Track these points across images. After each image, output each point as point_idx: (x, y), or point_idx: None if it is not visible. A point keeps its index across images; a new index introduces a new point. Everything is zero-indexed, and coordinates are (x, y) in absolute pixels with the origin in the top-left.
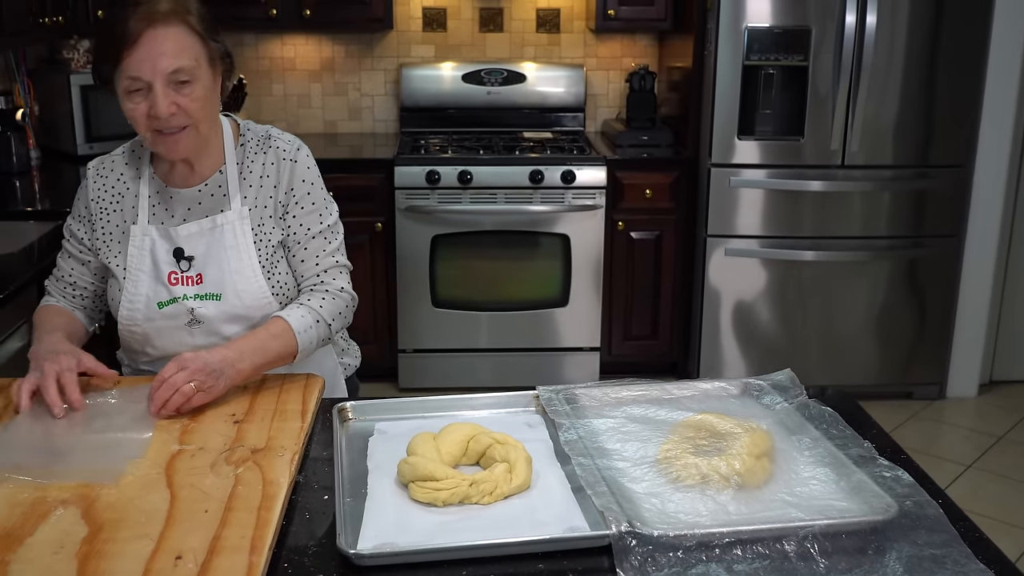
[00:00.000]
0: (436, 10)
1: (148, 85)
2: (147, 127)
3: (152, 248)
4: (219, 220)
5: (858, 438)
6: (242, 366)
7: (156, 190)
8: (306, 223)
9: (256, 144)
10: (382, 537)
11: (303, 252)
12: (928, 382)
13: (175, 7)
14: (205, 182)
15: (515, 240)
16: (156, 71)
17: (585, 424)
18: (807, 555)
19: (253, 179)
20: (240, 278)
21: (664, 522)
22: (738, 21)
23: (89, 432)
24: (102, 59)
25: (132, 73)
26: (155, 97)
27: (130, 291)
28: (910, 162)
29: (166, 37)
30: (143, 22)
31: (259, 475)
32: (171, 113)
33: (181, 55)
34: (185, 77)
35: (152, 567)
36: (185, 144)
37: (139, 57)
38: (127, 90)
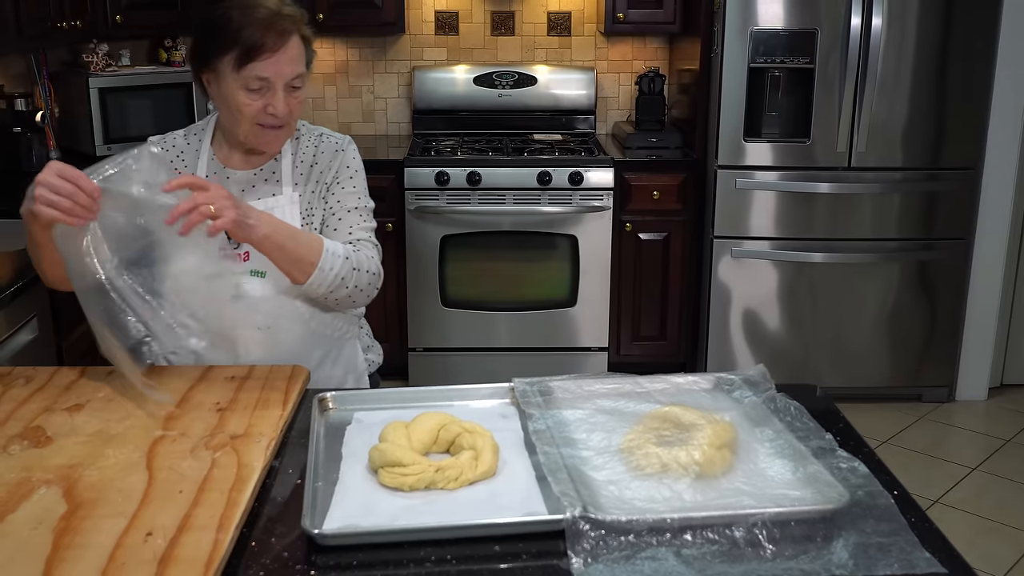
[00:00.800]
0: (448, 14)
1: (271, 87)
2: (254, 120)
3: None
4: (270, 203)
5: (820, 431)
6: (264, 229)
7: (214, 171)
8: (344, 199)
9: (309, 139)
10: (348, 519)
11: (338, 223)
12: (938, 385)
13: (296, 16)
14: (260, 167)
15: (524, 241)
16: (281, 75)
17: (555, 415)
18: (755, 542)
19: (304, 168)
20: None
21: (619, 508)
22: (744, 23)
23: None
24: (221, 53)
25: (261, 75)
26: (275, 98)
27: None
28: (919, 164)
29: (292, 46)
30: (280, 32)
31: (235, 459)
32: (286, 114)
33: (299, 63)
34: (299, 83)
35: (123, 542)
36: (282, 139)
37: (272, 62)
38: (247, 87)
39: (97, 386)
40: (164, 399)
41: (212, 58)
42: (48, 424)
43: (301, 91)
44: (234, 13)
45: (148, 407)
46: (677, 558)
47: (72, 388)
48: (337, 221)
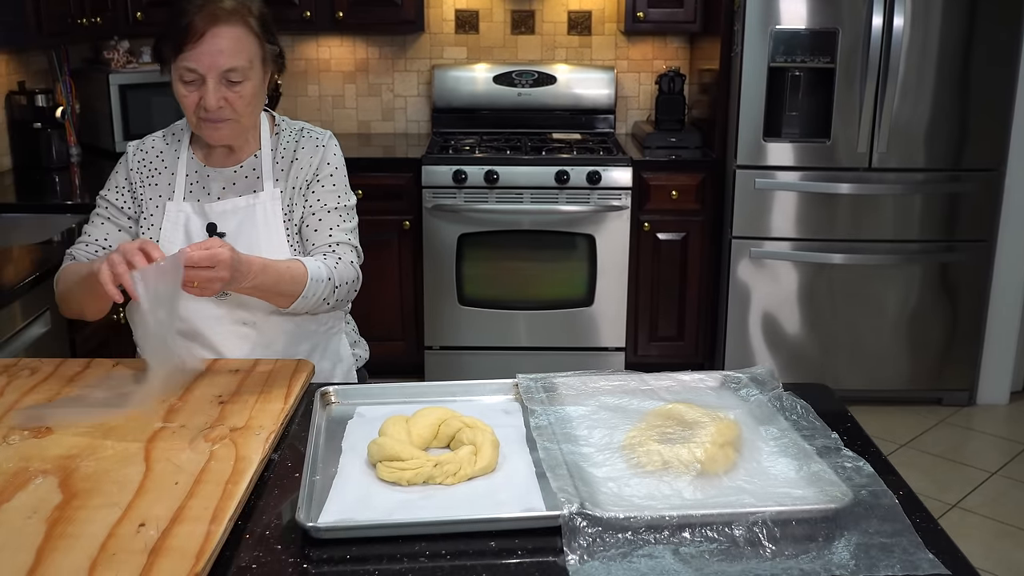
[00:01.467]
0: (468, 12)
1: (202, 78)
2: (194, 113)
3: (186, 223)
4: (252, 200)
5: (826, 430)
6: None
7: (194, 169)
8: (324, 198)
9: (290, 134)
10: (344, 513)
11: (317, 223)
12: (958, 388)
13: (238, 6)
14: (241, 164)
15: (541, 240)
16: (211, 67)
17: (557, 411)
18: (755, 540)
19: (285, 164)
20: (268, 254)
21: (617, 505)
22: (765, 23)
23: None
24: (163, 44)
25: (190, 65)
26: (206, 91)
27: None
28: (941, 165)
29: (226, 36)
30: (207, 20)
31: (233, 451)
32: (219, 107)
33: (237, 55)
34: (237, 77)
35: (116, 532)
36: (225, 133)
37: (198, 52)
38: (182, 78)
39: (101, 378)
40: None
41: (161, 50)
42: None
43: (244, 86)
44: (177, 4)
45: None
46: (675, 556)
47: (76, 379)
48: (317, 222)
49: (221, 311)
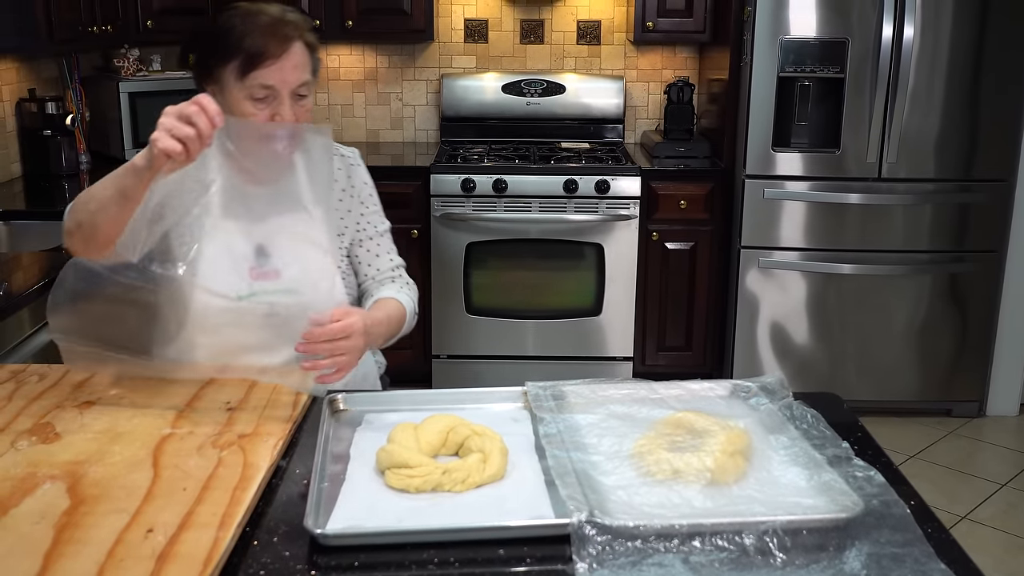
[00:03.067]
0: (478, 22)
1: (276, 95)
2: None
3: (230, 243)
4: (295, 220)
5: (837, 439)
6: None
7: (232, 184)
8: (373, 221)
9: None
10: (352, 520)
11: (376, 247)
12: (968, 400)
13: (299, 23)
14: (277, 182)
15: (549, 249)
16: (285, 83)
17: (566, 419)
18: (765, 550)
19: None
20: (319, 276)
21: (627, 513)
22: (775, 32)
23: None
24: (222, 61)
25: (266, 82)
26: (282, 107)
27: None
28: (951, 176)
29: (295, 52)
30: (281, 38)
31: (241, 458)
32: (295, 122)
33: (304, 70)
34: (305, 91)
35: (123, 538)
36: (290, 150)
37: (276, 68)
38: (252, 96)
39: (109, 384)
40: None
41: (215, 68)
42: (57, 420)
43: (308, 99)
44: (236, 21)
45: (157, 407)
46: (684, 565)
47: (84, 386)
48: (376, 246)
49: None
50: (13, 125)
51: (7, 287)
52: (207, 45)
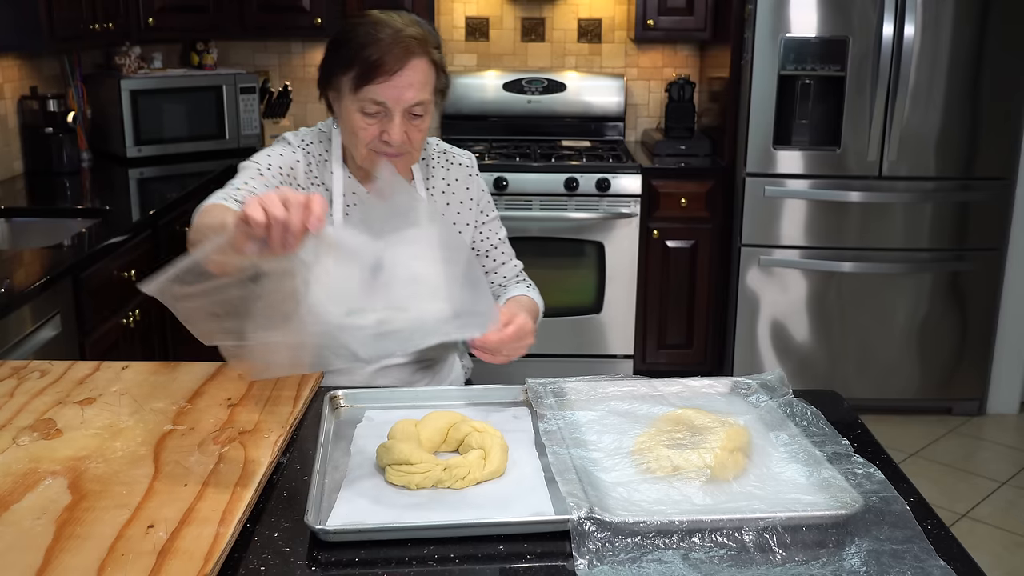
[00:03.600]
0: (479, 20)
1: (388, 112)
2: (368, 145)
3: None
4: (411, 235)
5: (837, 436)
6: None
7: (352, 191)
8: (494, 228)
9: (436, 159)
10: (353, 516)
11: (500, 255)
12: (968, 398)
13: (425, 37)
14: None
15: (550, 247)
16: (399, 101)
17: (567, 416)
18: (765, 546)
19: (438, 193)
20: (428, 294)
21: (627, 510)
22: (775, 31)
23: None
24: (340, 72)
25: (377, 98)
26: (392, 125)
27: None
28: (951, 174)
29: (415, 69)
30: (400, 54)
31: (242, 454)
32: (401, 142)
33: (423, 89)
34: (421, 111)
35: (124, 533)
36: (400, 167)
37: (390, 85)
38: (363, 110)
39: (111, 380)
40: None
41: (333, 75)
42: (59, 416)
43: (424, 119)
44: (360, 31)
45: (157, 404)
46: (684, 561)
47: (86, 382)
48: (500, 255)
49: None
50: (15, 122)
51: (9, 284)
52: (330, 51)
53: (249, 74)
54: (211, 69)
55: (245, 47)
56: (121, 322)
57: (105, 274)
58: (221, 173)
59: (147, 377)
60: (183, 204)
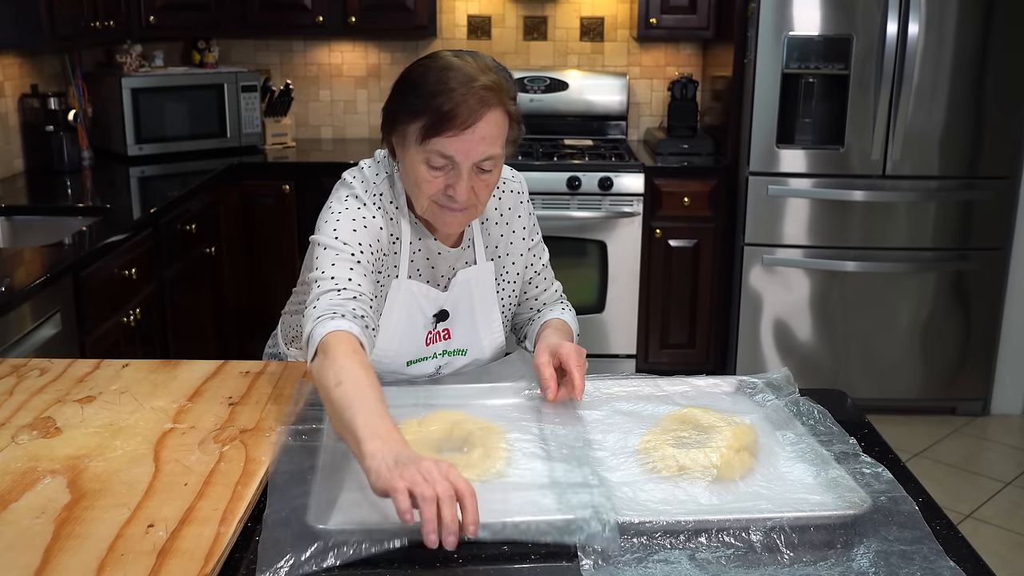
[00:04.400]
0: (481, 18)
1: (455, 165)
2: (431, 198)
3: (410, 304)
4: (467, 275)
5: (844, 435)
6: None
7: (419, 237)
8: (538, 253)
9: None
10: (354, 515)
11: (542, 281)
12: (972, 398)
13: (501, 86)
14: (463, 242)
15: (552, 246)
16: (469, 156)
17: (572, 415)
18: (773, 546)
19: (491, 226)
20: (486, 333)
21: (632, 510)
22: (779, 29)
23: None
24: (407, 117)
25: (446, 152)
26: (458, 179)
27: (381, 344)
28: (955, 173)
29: (488, 123)
30: (475, 106)
31: (243, 453)
32: (468, 198)
33: (495, 143)
34: (490, 166)
35: (124, 533)
36: (461, 222)
37: (460, 140)
38: (429, 162)
39: (111, 378)
40: None
41: (399, 122)
42: (59, 415)
43: (493, 174)
44: (431, 76)
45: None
46: (691, 562)
47: (86, 380)
48: (543, 280)
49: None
50: (15, 121)
51: (9, 282)
52: (396, 94)
53: (250, 72)
54: (212, 67)
55: (246, 45)
56: (121, 321)
57: (105, 273)
58: (222, 172)
59: (147, 375)
60: (184, 203)
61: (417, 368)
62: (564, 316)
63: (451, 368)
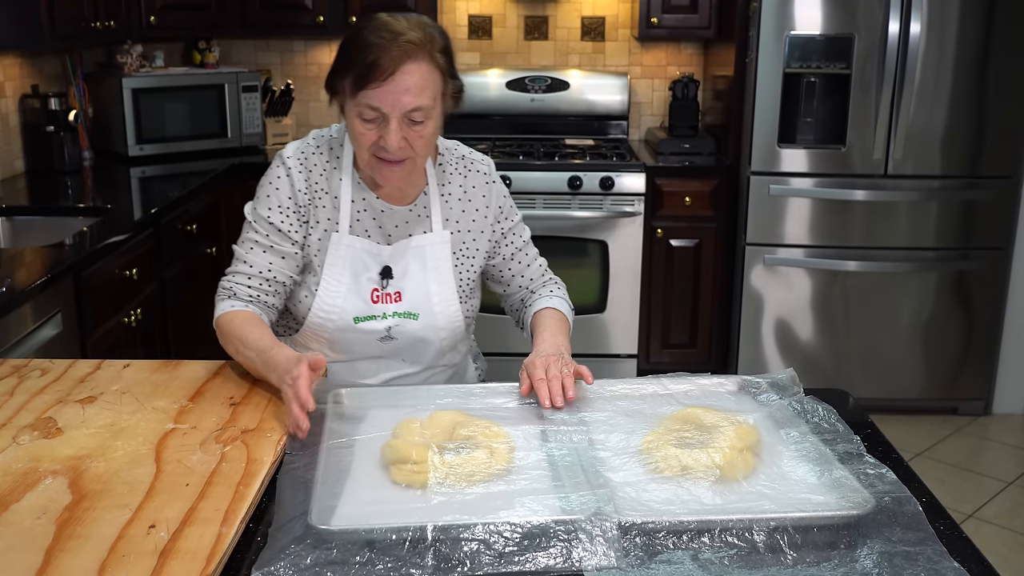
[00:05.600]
0: (482, 18)
1: (384, 118)
2: (369, 152)
3: (353, 259)
4: (422, 241)
5: (849, 435)
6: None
7: (362, 197)
8: (518, 231)
9: (454, 165)
10: (356, 515)
11: (525, 257)
12: (974, 397)
13: (426, 39)
14: (414, 202)
15: (553, 246)
16: (395, 107)
17: (574, 415)
18: (776, 547)
19: (454, 201)
20: (439, 300)
21: (635, 510)
22: (780, 28)
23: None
24: (341, 76)
25: (373, 104)
26: (388, 131)
27: (325, 298)
28: (957, 172)
29: (413, 73)
30: (396, 57)
31: (244, 453)
32: (399, 148)
33: (422, 94)
34: (420, 117)
35: (125, 533)
36: (400, 175)
37: (384, 91)
38: (361, 115)
39: (112, 379)
40: None
41: (337, 79)
42: (60, 415)
43: (425, 125)
44: (364, 34)
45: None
46: (694, 562)
47: (87, 380)
48: (524, 256)
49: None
50: (16, 121)
51: (10, 282)
52: (337, 55)
53: (251, 73)
54: (213, 67)
55: (247, 45)
56: (122, 321)
57: (106, 273)
58: (223, 172)
59: (148, 376)
60: (185, 203)
61: (367, 326)
62: (553, 302)
63: (402, 331)
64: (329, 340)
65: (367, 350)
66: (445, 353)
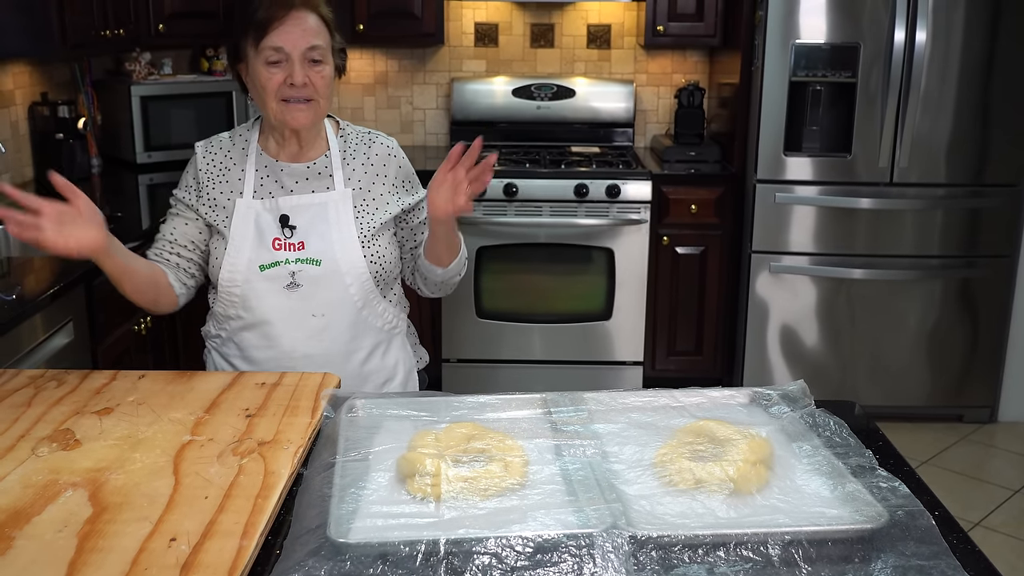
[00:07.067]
0: (488, 25)
1: (287, 57)
2: (277, 96)
3: (256, 217)
4: (324, 197)
5: (861, 448)
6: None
7: (264, 165)
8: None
9: (358, 138)
10: (373, 529)
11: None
12: (979, 405)
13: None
14: (313, 161)
15: (560, 253)
16: (296, 44)
17: (587, 428)
18: (791, 560)
19: (357, 165)
20: (340, 247)
21: (650, 523)
22: (786, 37)
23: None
24: (243, 36)
25: (275, 44)
26: (293, 67)
27: (232, 254)
28: (962, 180)
29: (306, 19)
30: (288, 4)
31: (262, 466)
32: (304, 84)
33: (315, 35)
34: (318, 56)
35: (147, 547)
36: (307, 115)
37: (284, 30)
38: (267, 60)
39: (127, 390)
40: None
41: (240, 47)
42: (77, 427)
43: (324, 66)
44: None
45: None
46: None
47: (103, 392)
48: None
49: (293, 303)
50: (25, 129)
51: (21, 292)
52: (234, 29)
53: None
54: (221, 75)
55: None
56: (132, 329)
57: None
58: None
59: (164, 387)
60: None
61: (271, 273)
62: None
63: (306, 276)
64: (241, 296)
65: (276, 301)
66: (357, 307)
